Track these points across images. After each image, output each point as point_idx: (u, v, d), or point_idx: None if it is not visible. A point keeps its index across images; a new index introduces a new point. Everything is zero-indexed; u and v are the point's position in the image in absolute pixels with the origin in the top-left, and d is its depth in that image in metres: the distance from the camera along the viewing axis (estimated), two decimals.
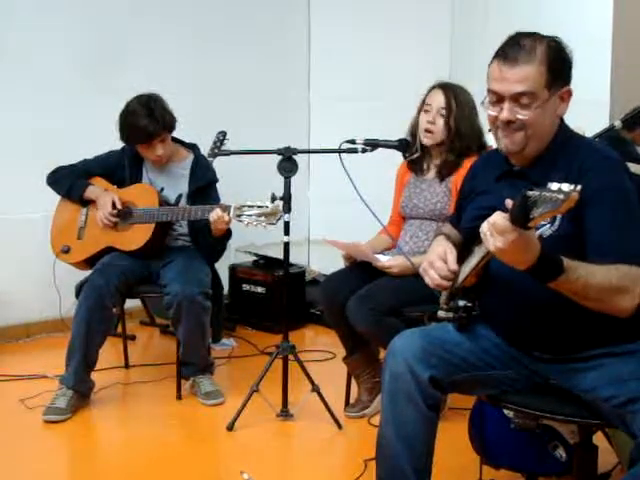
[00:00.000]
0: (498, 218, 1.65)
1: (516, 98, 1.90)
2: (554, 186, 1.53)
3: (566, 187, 1.51)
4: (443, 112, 3.01)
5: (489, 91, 1.96)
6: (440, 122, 3.02)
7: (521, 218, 1.58)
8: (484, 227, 1.70)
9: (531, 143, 1.95)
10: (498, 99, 1.94)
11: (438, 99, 3.03)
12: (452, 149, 3.03)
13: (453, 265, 1.98)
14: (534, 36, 1.95)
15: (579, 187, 1.51)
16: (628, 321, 1.89)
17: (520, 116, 1.91)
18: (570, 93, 1.98)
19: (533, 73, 1.89)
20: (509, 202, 1.64)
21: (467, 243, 2.02)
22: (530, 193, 1.55)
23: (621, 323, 1.87)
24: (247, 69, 4.68)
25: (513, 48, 1.92)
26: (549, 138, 1.98)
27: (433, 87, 3.08)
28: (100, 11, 4.18)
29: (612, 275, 1.79)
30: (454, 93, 3.03)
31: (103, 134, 3.43)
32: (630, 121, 4.48)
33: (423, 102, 3.09)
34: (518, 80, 1.89)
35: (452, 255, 2.00)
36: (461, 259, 2.01)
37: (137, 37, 4.28)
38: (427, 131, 3.04)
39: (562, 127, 2.01)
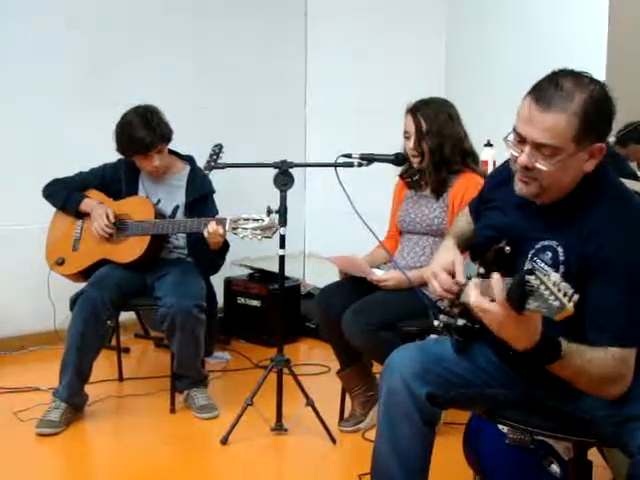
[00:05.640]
0: (493, 306, 1.62)
1: (538, 146, 1.75)
2: (554, 277, 1.47)
3: (564, 289, 1.45)
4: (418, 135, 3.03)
5: (514, 130, 1.80)
6: (422, 145, 3.03)
7: (516, 303, 1.55)
8: (472, 301, 1.68)
9: (547, 193, 1.82)
10: (521, 140, 1.79)
11: (410, 124, 3.05)
12: (437, 167, 3.04)
13: (461, 278, 1.95)
14: (578, 78, 1.75)
15: (576, 297, 1.45)
16: None
17: (539, 165, 1.76)
18: (602, 150, 1.79)
19: (563, 124, 1.71)
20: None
21: (476, 251, 2.01)
22: (529, 279, 1.50)
23: None
24: (244, 82, 4.69)
25: (550, 88, 1.74)
26: (571, 188, 1.83)
27: (406, 112, 3.09)
28: (98, 27, 4.19)
29: (607, 365, 1.71)
30: (423, 113, 3.02)
31: (100, 147, 3.43)
32: (623, 137, 4.51)
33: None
34: (545, 128, 1.73)
35: (460, 266, 1.96)
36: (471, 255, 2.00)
37: (136, 51, 4.29)
38: (413, 156, 3.06)
39: (596, 174, 1.82)
